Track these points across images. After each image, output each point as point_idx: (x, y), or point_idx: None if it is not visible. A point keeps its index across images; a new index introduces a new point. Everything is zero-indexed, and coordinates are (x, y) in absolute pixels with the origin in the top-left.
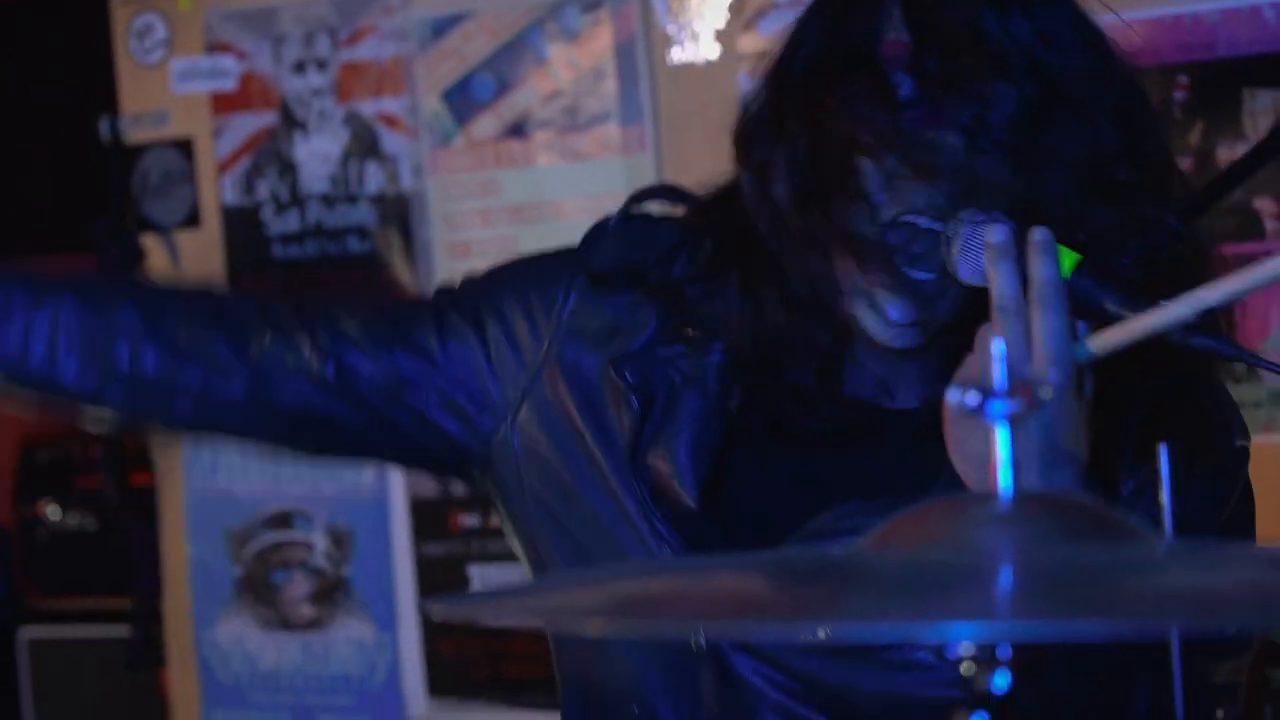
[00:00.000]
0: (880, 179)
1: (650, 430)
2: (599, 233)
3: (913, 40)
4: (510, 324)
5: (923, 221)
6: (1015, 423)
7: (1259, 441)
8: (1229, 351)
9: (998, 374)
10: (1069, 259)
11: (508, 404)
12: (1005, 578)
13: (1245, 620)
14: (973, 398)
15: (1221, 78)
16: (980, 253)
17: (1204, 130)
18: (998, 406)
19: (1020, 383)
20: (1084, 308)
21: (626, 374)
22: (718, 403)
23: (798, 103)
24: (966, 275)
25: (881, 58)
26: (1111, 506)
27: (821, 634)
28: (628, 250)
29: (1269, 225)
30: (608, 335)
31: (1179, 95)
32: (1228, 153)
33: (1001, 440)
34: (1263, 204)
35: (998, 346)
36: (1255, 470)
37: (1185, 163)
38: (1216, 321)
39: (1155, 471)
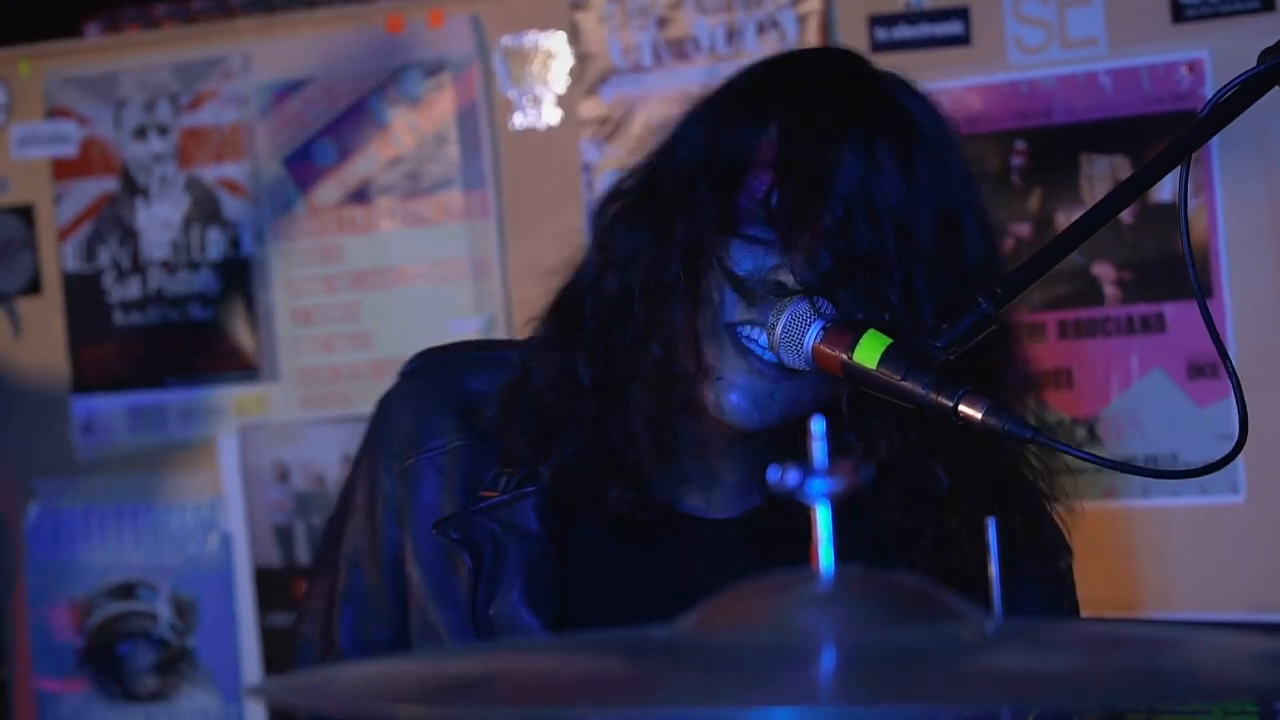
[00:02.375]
0: (725, 287)
1: (484, 585)
2: (386, 404)
3: (773, 175)
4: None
5: (755, 333)
6: (835, 501)
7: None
8: (1028, 435)
9: (818, 453)
10: (880, 343)
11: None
12: (827, 660)
13: (1069, 702)
14: (793, 476)
15: (1059, 143)
16: (801, 337)
17: (1042, 196)
18: (818, 485)
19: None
20: (895, 393)
21: (451, 534)
22: (544, 543)
23: (668, 203)
24: (789, 359)
25: (745, 184)
26: (936, 586)
27: None
28: (419, 411)
29: (1108, 291)
30: (431, 503)
31: (1017, 161)
32: (1065, 218)
33: (822, 519)
34: (1102, 269)
35: (818, 425)
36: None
37: (1023, 228)
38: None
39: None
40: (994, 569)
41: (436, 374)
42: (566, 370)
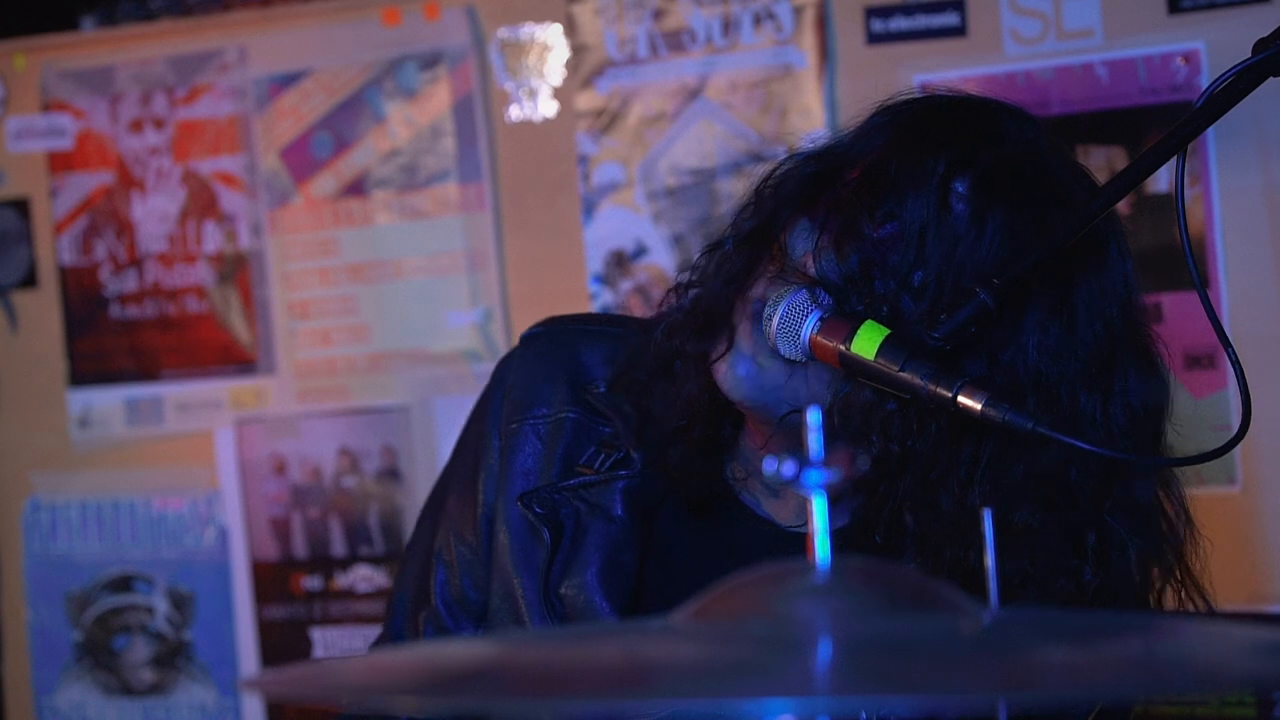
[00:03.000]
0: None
1: (560, 562)
2: (504, 366)
3: (858, 172)
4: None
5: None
6: (830, 493)
7: None
8: (1028, 426)
9: (814, 444)
10: (878, 334)
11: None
12: (824, 651)
13: (1065, 694)
14: (789, 468)
15: (1055, 134)
16: (798, 328)
17: None
18: (814, 476)
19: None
20: (893, 384)
21: (535, 507)
22: (626, 528)
23: (778, 185)
24: (785, 350)
25: (839, 176)
26: (932, 577)
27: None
28: (532, 376)
29: None
30: (528, 470)
31: None
32: None
33: (818, 510)
34: None
35: (813, 416)
36: None
37: None
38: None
39: None
40: (990, 560)
41: (554, 342)
42: (660, 339)
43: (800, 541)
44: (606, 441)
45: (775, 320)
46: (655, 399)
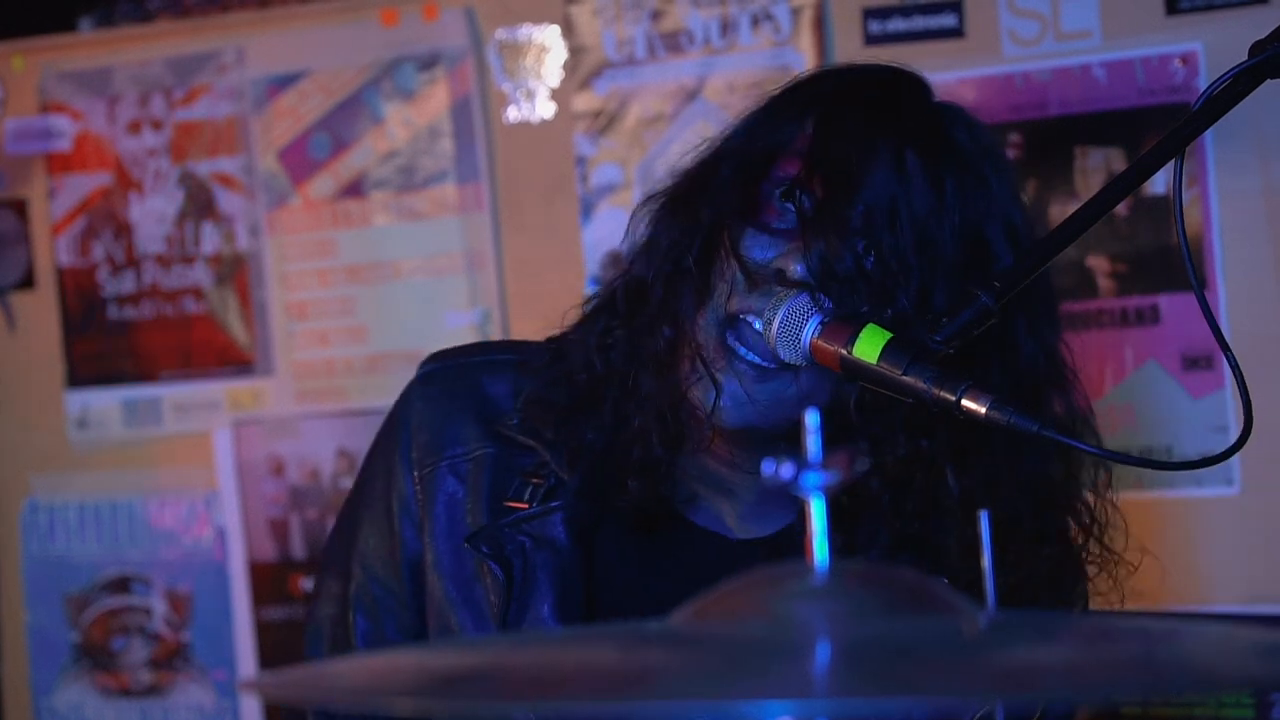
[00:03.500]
0: (732, 274)
1: (515, 601)
2: (404, 406)
3: (801, 166)
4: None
5: (757, 323)
6: (829, 494)
7: None
8: (1033, 429)
9: (812, 446)
10: (880, 338)
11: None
12: (822, 653)
13: (1064, 695)
14: (787, 470)
15: (1053, 136)
16: (798, 332)
17: (1036, 188)
18: (812, 479)
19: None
20: (896, 388)
21: (482, 548)
22: (573, 556)
23: (697, 190)
24: (786, 355)
25: (772, 173)
26: (930, 579)
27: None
28: (439, 415)
29: (1102, 283)
30: (451, 513)
31: (1011, 154)
32: (1060, 210)
33: (817, 512)
34: (1096, 262)
35: (812, 418)
36: None
37: None
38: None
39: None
40: (986, 561)
41: (455, 377)
42: (589, 362)
43: (753, 550)
44: (530, 472)
45: (775, 325)
46: (581, 424)
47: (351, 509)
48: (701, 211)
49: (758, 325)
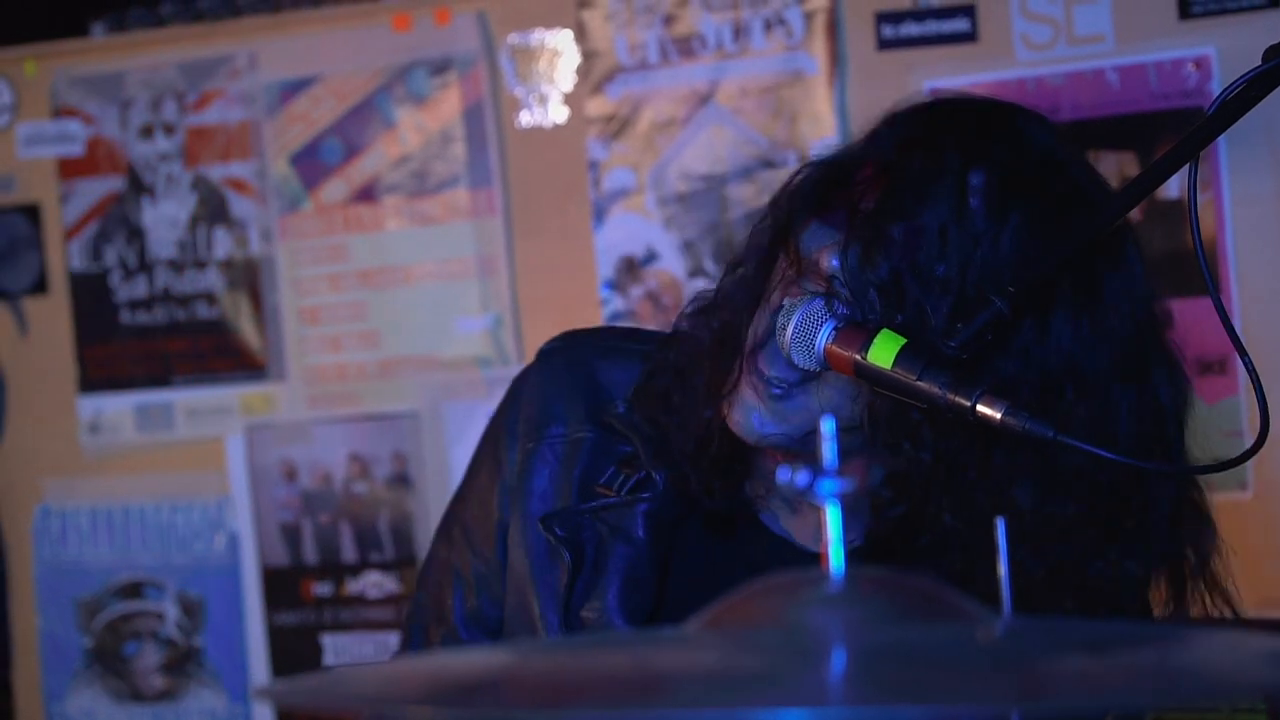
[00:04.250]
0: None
1: (581, 584)
2: (521, 381)
3: (872, 173)
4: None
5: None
6: (845, 502)
7: None
8: (1049, 435)
9: (828, 453)
10: (894, 343)
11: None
12: (838, 661)
13: (1079, 703)
14: (803, 477)
15: (1069, 137)
16: (812, 338)
17: None
18: (827, 485)
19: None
20: (910, 393)
21: (556, 529)
22: (647, 550)
23: (775, 220)
24: (800, 360)
25: (849, 181)
26: (946, 586)
27: None
28: (549, 394)
29: None
30: (544, 490)
31: None
32: None
33: (832, 519)
34: None
35: (827, 425)
36: None
37: None
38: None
39: None
40: (1002, 569)
41: (572, 358)
42: (679, 361)
43: (819, 561)
44: (625, 461)
45: (790, 330)
46: (673, 418)
47: (464, 483)
48: (781, 212)
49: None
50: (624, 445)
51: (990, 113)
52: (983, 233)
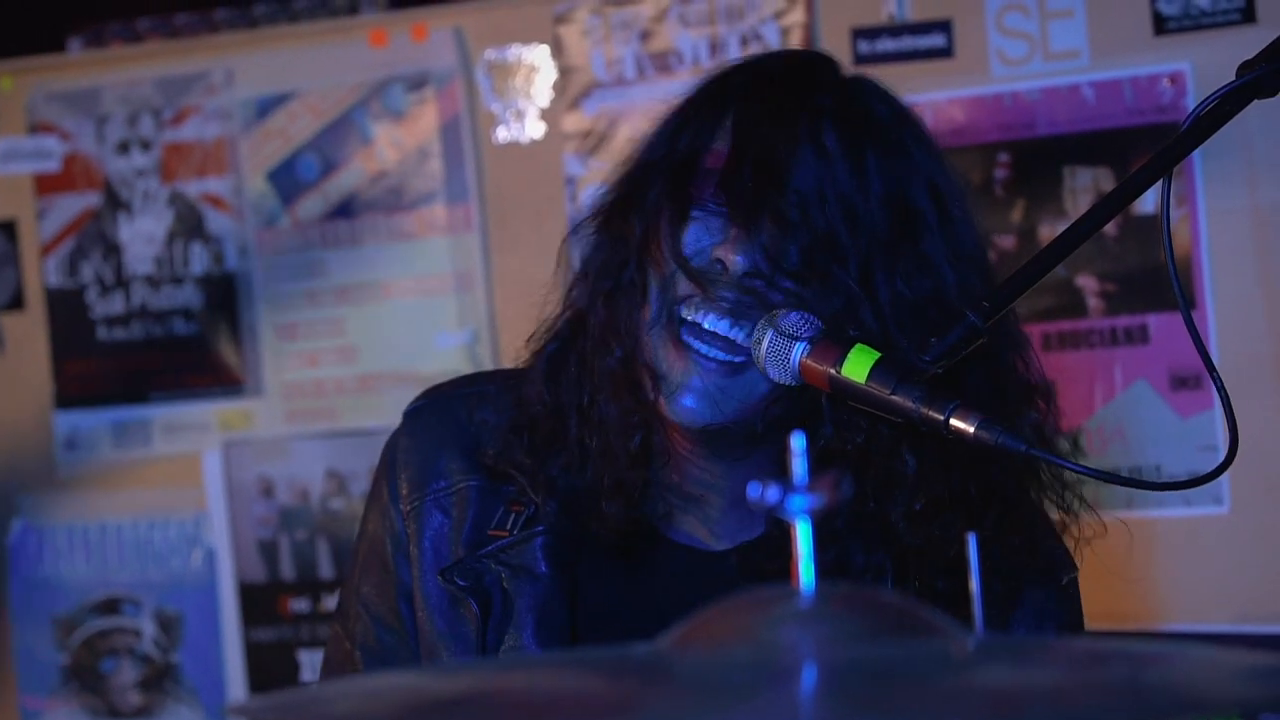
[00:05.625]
0: (673, 276)
1: (493, 631)
2: (392, 446)
3: (727, 157)
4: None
5: (707, 321)
6: (815, 517)
7: None
8: (1021, 448)
9: (798, 469)
10: (869, 358)
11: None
12: (809, 677)
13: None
14: (773, 493)
15: (1041, 155)
16: (787, 353)
17: (1025, 207)
18: (798, 501)
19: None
20: (885, 407)
21: (457, 580)
22: (553, 583)
23: (627, 204)
24: (775, 375)
25: (700, 169)
26: (917, 602)
27: None
28: (424, 451)
29: (1091, 303)
30: (438, 545)
31: (1000, 173)
32: (1049, 229)
33: (803, 535)
34: (1085, 281)
35: (798, 441)
36: None
37: (1007, 240)
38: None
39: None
40: (974, 584)
41: (439, 412)
42: (540, 393)
43: (725, 559)
44: (514, 500)
45: (765, 345)
46: (546, 453)
47: (353, 555)
48: (632, 222)
49: (708, 323)
50: (508, 485)
51: (805, 65)
52: (855, 185)
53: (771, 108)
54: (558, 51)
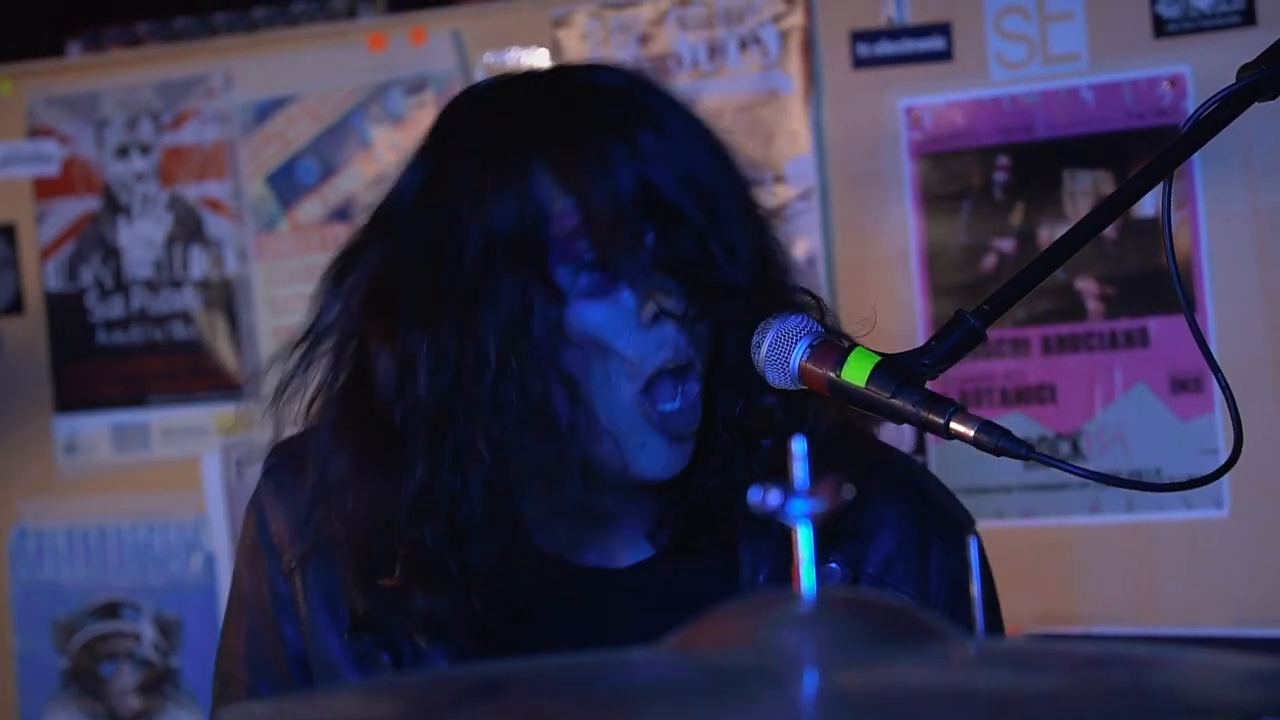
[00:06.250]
0: (607, 357)
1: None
2: (258, 504)
3: (578, 209)
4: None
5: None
6: (816, 522)
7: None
8: (1022, 452)
9: (799, 473)
10: (868, 361)
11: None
12: (809, 683)
13: None
14: (774, 497)
15: (1041, 159)
16: (787, 356)
17: (1025, 211)
18: (799, 506)
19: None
20: (884, 410)
21: (366, 639)
22: (460, 622)
23: (452, 301)
24: (774, 379)
25: (552, 235)
26: (917, 607)
27: None
28: (292, 507)
29: (1091, 306)
30: (331, 600)
31: (999, 176)
32: (1048, 233)
33: (804, 540)
34: (1085, 284)
35: (799, 445)
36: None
37: (1006, 243)
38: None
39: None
40: (975, 588)
41: (298, 464)
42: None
43: (635, 574)
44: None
45: (764, 349)
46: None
47: (229, 623)
48: (484, 322)
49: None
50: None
51: (562, 79)
52: (685, 163)
53: (574, 143)
54: (556, 55)
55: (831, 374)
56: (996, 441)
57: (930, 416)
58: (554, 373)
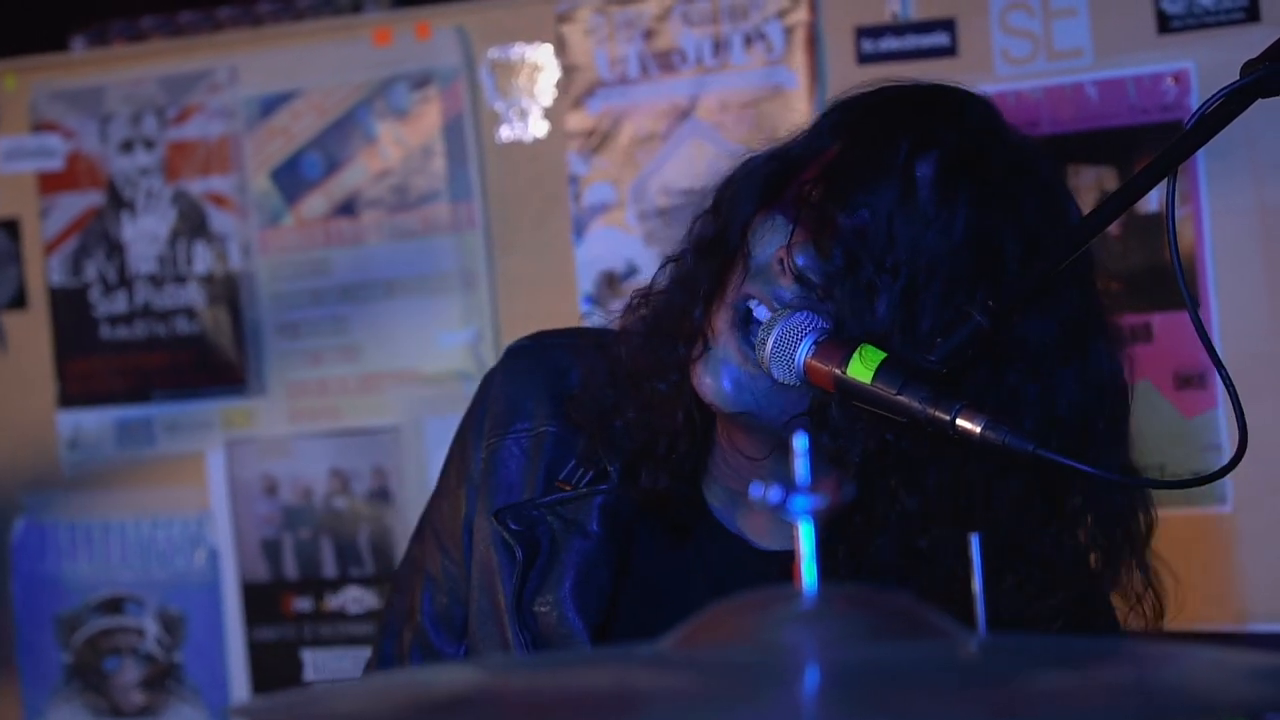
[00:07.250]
0: (747, 269)
1: (535, 579)
2: (488, 381)
3: (818, 170)
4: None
5: (759, 313)
6: (818, 518)
7: None
8: (1028, 449)
9: (800, 470)
10: (874, 358)
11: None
12: (811, 678)
13: None
14: (775, 493)
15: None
16: (792, 352)
17: None
18: (800, 502)
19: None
20: (890, 408)
21: (510, 524)
22: (602, 545)
23: (733, 189)
24: (779, 375)
25: (795, 178)
26: (919, 603)
27: None
28: (515, 390)
29: None
30: (510, 484)
31: None
32: None
33: (805, 536)
34: None
35: (800, 441)
36: None
37: None
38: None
39: None
40: (977, 584)
41: (540, 355)
42: (617, 359)
43: (772, 560)
44: (584, 455)
45: (769, 344)
46: (620, 414)
47: (439, 482)
48: (724, 206)
49: (759, 314)
50: (582, 439)
51: (933, 95)
52: (933, 218)
53: (882, 129)
54: (561, 50)
55: (837, 370)
56: (1003, 437)
57: (936, 413)
58: (719, 269)
